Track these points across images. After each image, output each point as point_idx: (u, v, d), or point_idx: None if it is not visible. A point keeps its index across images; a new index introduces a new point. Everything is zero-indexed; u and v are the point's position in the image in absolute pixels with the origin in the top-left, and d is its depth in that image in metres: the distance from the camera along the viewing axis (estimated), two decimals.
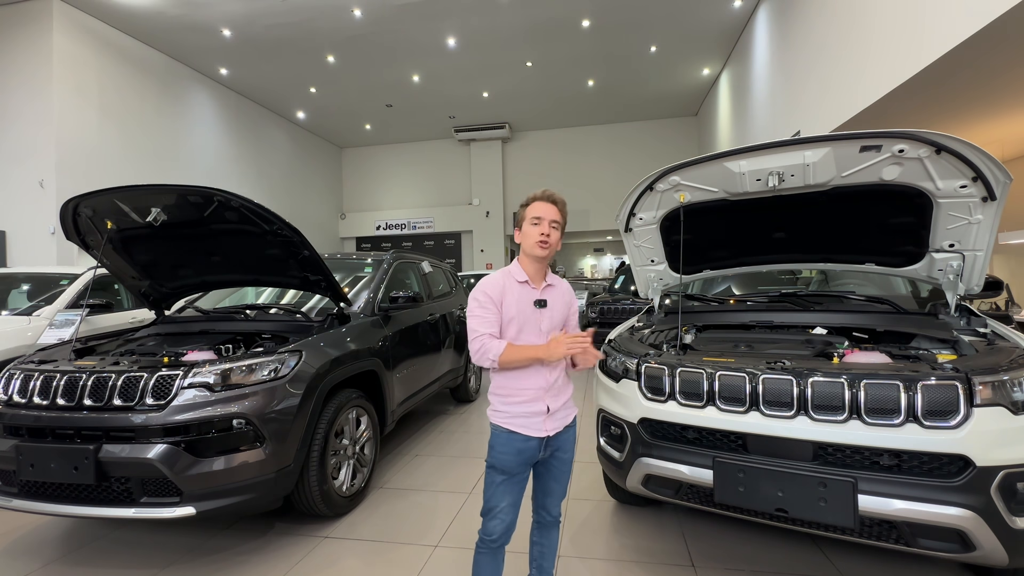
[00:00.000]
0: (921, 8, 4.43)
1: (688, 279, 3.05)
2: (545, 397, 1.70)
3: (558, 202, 1.76)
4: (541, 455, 1.72)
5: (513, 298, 1.73)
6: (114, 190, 2.63)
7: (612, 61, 10.82)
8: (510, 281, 1.76)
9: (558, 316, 1.79)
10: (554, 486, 1.81)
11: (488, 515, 1.71)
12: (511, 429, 1.69)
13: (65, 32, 7.97)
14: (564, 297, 1.83)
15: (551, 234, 1.73)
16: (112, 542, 2.61)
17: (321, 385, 2.64)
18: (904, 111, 5.42)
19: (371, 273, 3.91)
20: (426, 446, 4.01)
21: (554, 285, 1.83)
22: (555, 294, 1.81)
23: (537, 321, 1.74)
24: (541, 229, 1.72)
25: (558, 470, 1.79)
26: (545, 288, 1.79)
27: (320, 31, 9.25)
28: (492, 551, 1.72)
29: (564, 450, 1.78)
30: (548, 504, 1.82)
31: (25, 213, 7.78)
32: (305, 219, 14.02)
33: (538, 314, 1.74)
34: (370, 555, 2.45)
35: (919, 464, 1.69)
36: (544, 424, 1.70)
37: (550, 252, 1.75)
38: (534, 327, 1.73)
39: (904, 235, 2.39)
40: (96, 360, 2.60)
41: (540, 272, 1.79)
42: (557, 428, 1.73)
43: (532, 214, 1.75)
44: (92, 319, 4.49)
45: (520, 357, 1.66)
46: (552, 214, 1.74)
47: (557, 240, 1.76)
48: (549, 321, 1.76)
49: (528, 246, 1.74)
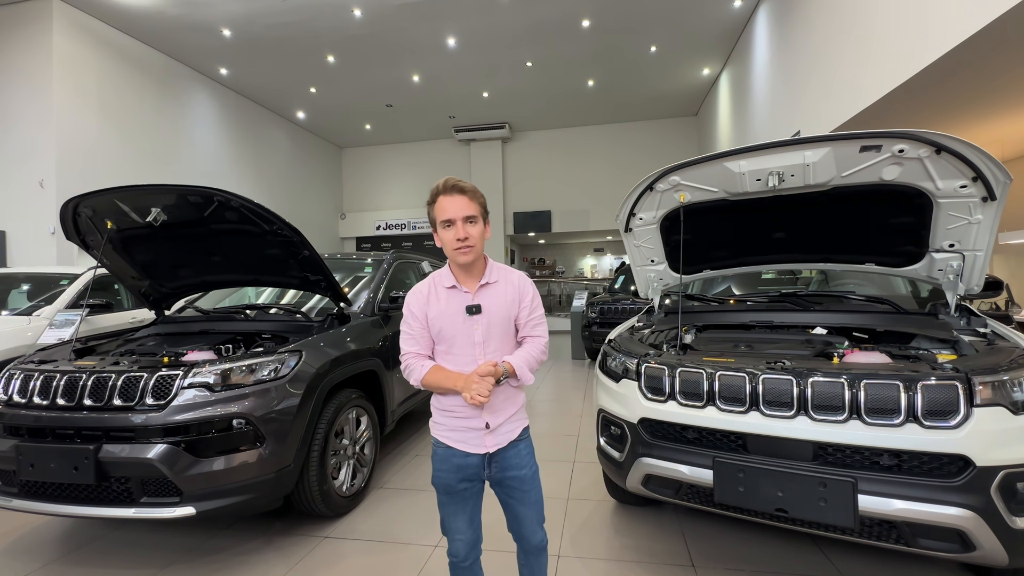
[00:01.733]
0: (921, 8, 4.43)
1: (688, 279, 3.05)
2: (483, 414, 1.52)
3: (467, 190, 1.49)
4: (487, 473, 1.57)
5: (439, 308, 1.53)
6: (114, 190, 2.63)
7: (612, 61, 10.82)
8: (436, 289, 1.56)
9: (499, 320, 1.54)
10: (522, 511, 1.59)
11: (448, 536, 1.61)
12: (448, 444, 1.56)
13: (65, 32, 7.97)
14: (508, 294, 1.57)
15: (469, 233, 1.47)
16: (112, 542, 2.61)
17: (321, 385, 2.64)
18: (904, 111, 5.42)
19: (371, 273, 3.91)
20: (426, 446, 4.01)
21: (493, 283, 1.57)
22: (493, 294, 1.55)
23: (469, 331, 1.51)
24: (456, 232, 1.47)
25: (519, 490, 1.57)
26: (480, 289, 1.54)
27: (320, 31, 9.25)
28: (464, 571, 1.62)
29: (518, 467, 1.57)
30: (524, 532, 1.61)
31: (25, 213, 7.78)
32: (305, 219, 14.00)
33: (470, 323, 1.51)
34: (370, 555, 2.45)
35: (919, 464, 1.69)
36: (484, 440, 1.53)
37: (475, 252, 1.51)
38: (466, 339, 1.51)
39: (904, 235, 2.38)
40: (96, 360, 2.60)
41: (473, 272, 1.55)
42: (500, 444, 1.55)
43: (441, 216, 1.48)
44: (92, 319, 4.49)
45: (439, 385, 1.50)
46: (462, 208, 1.47)
47: (480, 234, 1.50)
48: (486, 329, 1.52)
49: (449, 255, 1.52)
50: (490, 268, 1.59)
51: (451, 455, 1.56)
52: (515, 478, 1.57)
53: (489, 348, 1.54)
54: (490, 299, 1.55)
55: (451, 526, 1.60)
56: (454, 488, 1.57)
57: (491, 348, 1.54)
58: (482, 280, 1.56)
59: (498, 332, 1.55)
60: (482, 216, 1.52)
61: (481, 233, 1.51)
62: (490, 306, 1.54)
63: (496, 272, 1.59)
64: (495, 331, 1.54)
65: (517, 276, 1.63)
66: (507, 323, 1.56)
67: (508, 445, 1.57)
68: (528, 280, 1.64)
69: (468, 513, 1.60)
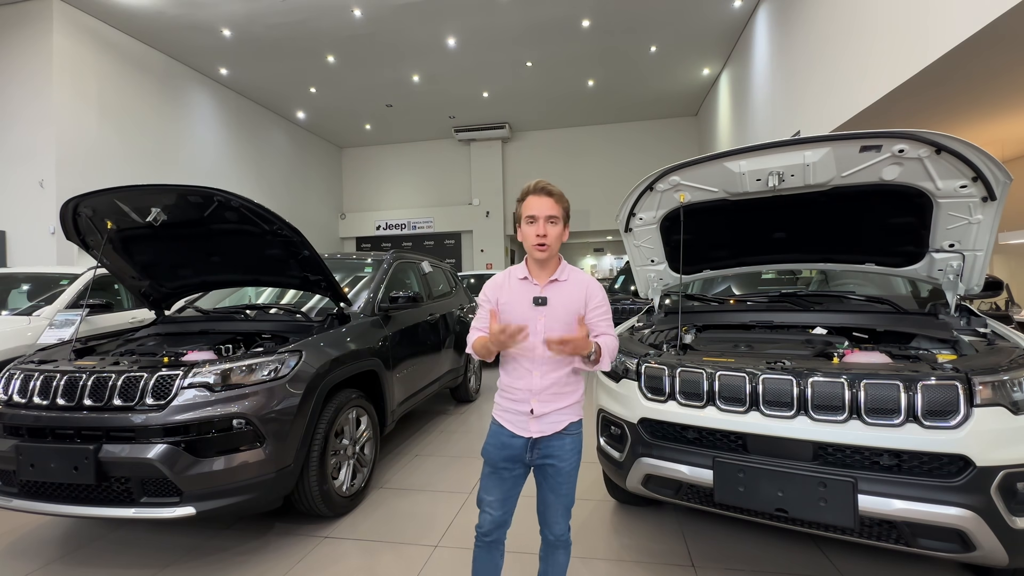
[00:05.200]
0: (921, 8, 4.44)
1: (688, 279, 3.05)
2: (531, 399, 1.63)
3: (554, 193, 1.63)
4: (529, 458, 1.66)
5: (509, 296, 1.67)
6: (114, 190, 2.63)
7: (612, 61, 10.82)
8: (510, 279, 1.70)
9: (562, 315, 1.62)
10: (551, 498, 1.68)
11: (480, 507, 1.72)
12: (500, 423, 1.71)
13: (65, 32, 7.97)
14: (574, 293, 1.65)
15: (548, 232, 1.61)
16: (112, 542, 2.61)
17: (321, 385, 2.64)
18: (904, 111, 5.42)
19: (371, 273, 3.91)
20: (426, 446, 4.01)
21: (563, 281, 1.67)
22: (561, 291, 1.65)
23: (533, 321, 1.61)
24: (537, 229, 1.61)
25: (554, 480, 1.66)
26: (549, 284, 1.66)
27: (320, 31, 9.26)
28: (486, 546, 1.71)
29: (559, 458, 1.65)
30: (548, 519, 1.70)
31: (25, 213, 7.78)
32: (305, 219, 14.01)
33: (535, 312, 1.62)
34: (370, 555, 2.45)
35: (919, 464, 1.69)
36: (529, 425, 1.64)
37: (551, 251, 1.63)
38: (529, 328, 1.58)
39: (904, 235, 2.38)
40: (96, 360, 2.60)
41: (546, 268, 1.67)
42: (544, 432, 1.64)
43: (527, 212, 1.63)
44: (92, 319, 4.49)
45: (478, 345, 1.65)
46: (547, 208, 1.61)
47: (558, 236, 1.63)
48: (547, 320, 1.62)
49: (527, 248, 1.65)
50: (562, 267, 1.70)
51: (500, 433, 1.69)
52: (553, 467, 1.66)
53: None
54: (557, 294, 1.65)
55: (485, 498, 1.71)
56: (497, 464, 1.69)
57: None
58: (552, 276, 1.67)
59: (560, 327, 1.62)
60: (563, 219, 1.66)
61: (559, 234, 1.64)
62: (555, 301, 1.64)
63: (567, 272, 1.70)
64: (557, 325, 1.62)
65: (588, 279, 1.72)
66: (570, 320, 1.63)
67: (553, 435, 1.65)
68: (598, 284, 1.73)
69: (504, 492, 1.69)
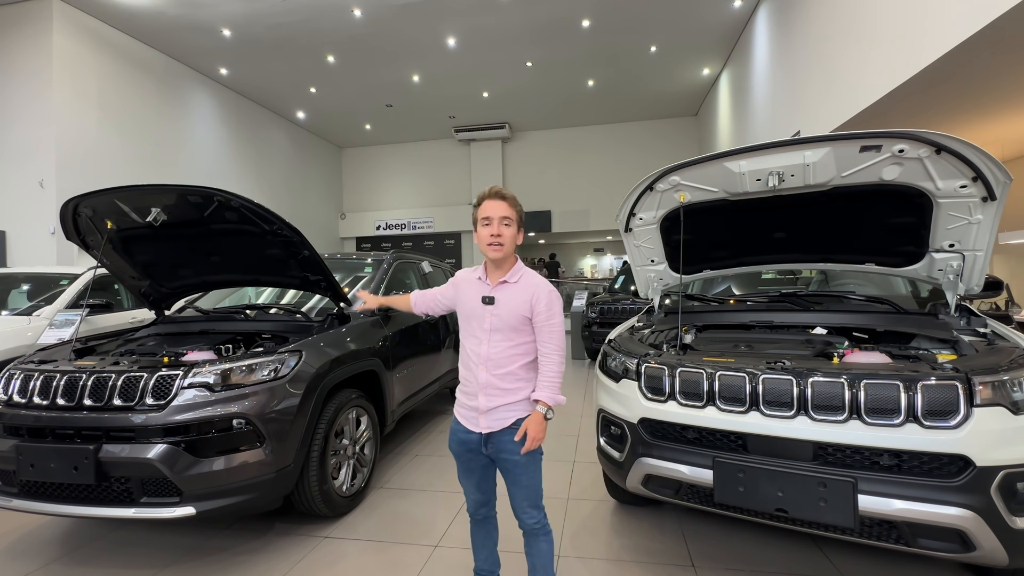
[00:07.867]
0: (921, 8, 4.44)
1: (688, 279, 3.05)
2: (479, 393, 1.71)
3: (507, 197, 1.72)
4: (486, 451, 1.75)
5: (465, 292, 1.79)
6: (114, 190, 2.63)
7: (612, 61, 10.82)
8: (471, 276, 1.81)
9: (509, 316, 1.69)
10: (513, 490, 1.75)
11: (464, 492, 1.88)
12: (457, 418, 1.81)
13: (65, 32, 7.97)
14: (520, 296, 1.69)
15: (502, 232, 1.69)
16: (112, 542, 2.61)
17: (321, 385, 2.64)
18: (904, 111, 5.42)
19: (371, 273, 3.91)
20: (426, 446, 4.01)
21: (513, 283, 1.72)
22: (509, 292, 1.71)
23: (481, 318, 1.72)
24: (491, 230, 1.69)
25: (512, 472, 1.72)
26: (499, 285, 1.72)
27: (320, 31, 9.25)
28: (477, 522, 1.89)
29: (510, 452, 1.70)
30: (516, 509, 1.77)
31: (25, 213, 7.78)
32: (305, 219, 14.01)
33: (482, 311, 1.72)
34: (370, 555, 2.45)
35: (919, 464, 1.69)
36: (479, 420, 1.72)
37: (505, 251, 1.70)
38: (479, 324, 1.73)
39: (904, 235, 2.38)
40: (96, 360, 2.60)
41: (500, 269, 1.74)
42: (492, 427, 1.71)
43: (482, 215, 1.72)
44: (92, 319, 4.49)
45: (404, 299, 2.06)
46: (501, 211, 1.69)
47: (512, 237, 1.72)
48: (494, 320, 1.70)
49: (482, 250, 1.73)
50: (515, 270, 1.75)
51: (458, 428, 1.80)
52: (507, 461, 1.73)
53: (495, 338, 1.71)
54: (505, 295, 1.72)
55: (463, 485, 1.87)
56: (460, 456, 1.81)
57: (496, 339, 1.71)
58: (503, 277, 1.73)
59: (507, 327, 1.70)
60: (517, 222, 1.74)
61: (513, 236, 1.72)
62: (503, 301, 1.71)
63: (519, 274, 1.74)
64: (504, 325, 1.70)
65: (538, 282, 1.73)
66: (518, 321, 1.70)
67: (502, 430, 1.72)
68: (548, 288, 1.73)
69: (475, 480, 1.82)
